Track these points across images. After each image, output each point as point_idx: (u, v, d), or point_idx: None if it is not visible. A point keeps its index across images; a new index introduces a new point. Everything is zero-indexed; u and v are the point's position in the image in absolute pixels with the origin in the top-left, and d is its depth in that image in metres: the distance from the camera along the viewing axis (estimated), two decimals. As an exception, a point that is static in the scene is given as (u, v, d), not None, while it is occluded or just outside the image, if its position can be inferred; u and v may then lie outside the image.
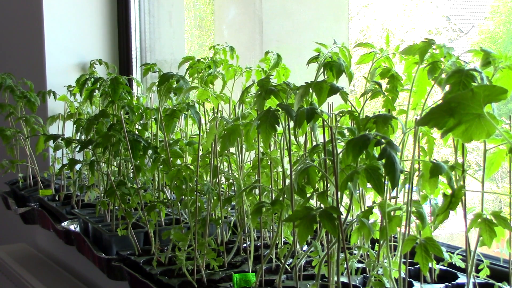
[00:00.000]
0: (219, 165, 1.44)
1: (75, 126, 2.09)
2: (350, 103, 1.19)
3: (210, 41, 2.87)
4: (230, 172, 1.53)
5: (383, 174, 1.01)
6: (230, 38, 2.21)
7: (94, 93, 1.94)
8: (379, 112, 1.16)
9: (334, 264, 1.12)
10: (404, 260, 1.15)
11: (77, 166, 2.05)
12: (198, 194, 1.39)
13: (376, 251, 1.18)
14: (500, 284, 1.16)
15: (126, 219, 1.58)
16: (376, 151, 1.03)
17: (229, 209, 1.64)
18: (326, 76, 1.19)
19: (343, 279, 1.18)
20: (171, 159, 1.58)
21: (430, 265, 1.17)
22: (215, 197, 1.44)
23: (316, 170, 1.11)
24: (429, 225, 1.11)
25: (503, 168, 1.15)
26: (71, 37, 2.82)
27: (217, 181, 1.44)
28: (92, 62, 2.73)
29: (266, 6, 2.08)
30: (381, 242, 1.14)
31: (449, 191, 1.06)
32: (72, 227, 1.89)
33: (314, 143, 1.25)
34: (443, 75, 1.05)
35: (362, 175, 1.02)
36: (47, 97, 2.54)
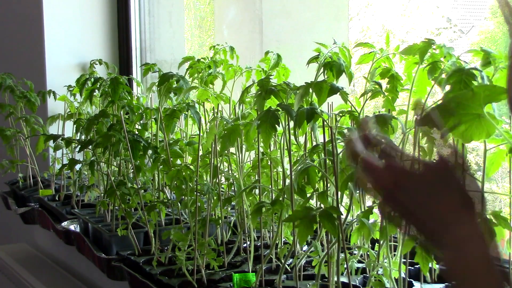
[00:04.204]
0: (219, 165, 1.44)
1: (75, 126, 2.08)
2: (350, 103, 1.19)
3: (210, 41, 2.87)
4: (230, 172, 1.53)
5: (383, 174, 1.01)
6: (230, 38, 2.21)
7: (94, 93, 1.94)
8: (379, 112, 1.16)
9: (334, 264, 1.12)
10: (404, 260, 1.15)
11: (77, 166, 2.05)
12: (198, 194, 1.39)
13: (376, 251, 1.18)
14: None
15: (126, 219, 1.58)
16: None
17: (229, 209, 1.64)
18: (326, 76, 1.19)
19: (343, 279, 1.18)
20: (171, 159, 1.58)
21: (430, 265, 1.17)
22: (215, 197, 1.44)
23: (316, 170, 1.11)
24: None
25: (503, 168, 1.15)
26: (71, 37, 2.81)
27: (217, 181, 1.44)
28: (92, 62, 2.73)
29: (266, 6, 2.07)
30: (381, 242, 1.14)
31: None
32: (72, 227, 1.89)
33: (314, 143, 1.25)
34: (443, 75, 1.05)
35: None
36: (47, 97, 2.53)
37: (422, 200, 0.68)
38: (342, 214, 1.07)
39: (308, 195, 1.14)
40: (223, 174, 1.53)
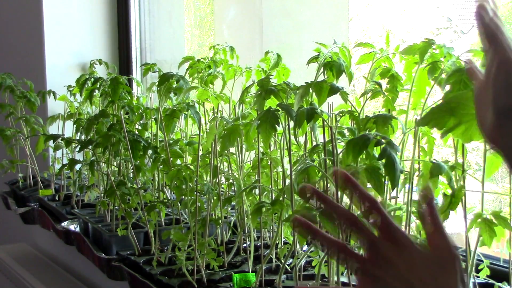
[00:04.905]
0: (219, 165, 1.44)
1: (75, 126, 2.08)
2: (350, 103, 1.19)
3: (210, 41, 2.87)
4: (230, 172, 1.53)
5: (383, 174, 1.01)
6: (230, 38, 2.21)
7: (94, 93, 1.94)
8: (379, 112, 1.16)
9: (334, 264, 1.12)
10: (404, 260, 1.15)
11: (77, 166, 2.05)
12: (198, 194, 1.39)
13: (376, 251, 1.18)
14: (500, 284, 1.16)
15: (126, 219, 1.58)
16: (376, 151, 1.03)
17: (229, 209, 1.64)
18: (326, 76, 1.19)
19: (343, 279, 1.18)
20: (171, 159, 1.58)
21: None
22: (215, 197, 1.44)
23: (316, 170, 1.11)
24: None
25: (503, 168, 1.15)
26: (71, 37, 2.81)
27: (217, 181, 1.44)
28: (92, 62, 2.73)
29: (266, 6, 2.07)
30: (381, 242, 1.14)
31: (449, 191, 1.07)
32: (72, 227, 1.89)
33: (314, 143, 1.25)
34: (443, 75, 1.05)
35: (362, 175, 1.02)
36: (47, 97, 2.53)
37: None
38: (342, 214, 1.07)
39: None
40: (223, 174, 1.53)
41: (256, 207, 1.20)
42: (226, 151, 1.44)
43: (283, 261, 1.24)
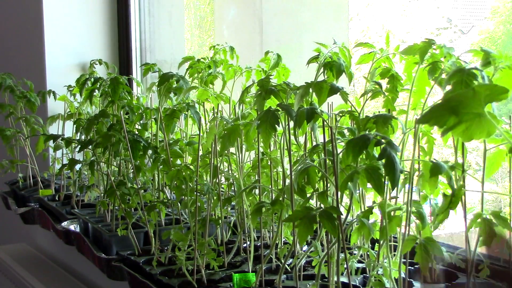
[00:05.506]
0: (219, 165, 1.44)
1: (75, 126, 2.09)
2: (350, 103, 1.19)
3: (210, 41, 2.87)
4: (230, 172, 1.53)
5: (383, 174, 1.01)
6: (230, 38, 2.21)
7: (94, 93, 1.94)
8: (379, 112, 1.16)
9: (334, 264, 1.12)
10: (404, 260, 1.15)
11: (77, 166, 2.05)
12: (198, 194, 1.39)
13: (376, 251, 1.18)
14: (500, 284, 1.16)
15: (126, 219, 1.58)
16: (376, 151, 1.03)
17: (229, 209, 1.64)
18: (326, 76, 1.19)
19: (343, 279, 1.18)
20: (171, 159, 1.58)
21: (430, 265, 1.17)
22: (215, 197, 1.44)
23: (316, 170, 1.11)
24: (429, 225, 1.11)
25: (503, 168, 1.15)
26: (71, 37, 2.82)
27: (217, 181, 1.44)
28: (92, 62, 2.73)
29: (266, 6, 2.08)
30: (381, 242, 1.14)
31: (449, 191, 1.07)
32: (72, 227, 1.89)
33: (314, 143, 1.25)
34: (443, 75, 1.05)
35: (362, 175, 1.02)
36: (47, 97, 2.54)
37: None
38: (342, 214, 1.07)
39: (308, 195, 1.14)
40: (223, 174, 1.53)
41: (256, 207, 1.20)
42: (226, 151, 1.44)
43: (283, 261, 1.24)
